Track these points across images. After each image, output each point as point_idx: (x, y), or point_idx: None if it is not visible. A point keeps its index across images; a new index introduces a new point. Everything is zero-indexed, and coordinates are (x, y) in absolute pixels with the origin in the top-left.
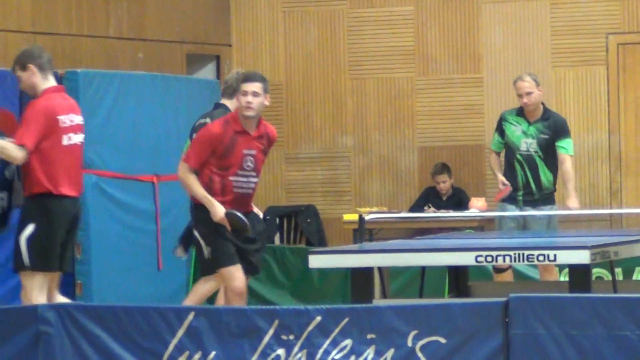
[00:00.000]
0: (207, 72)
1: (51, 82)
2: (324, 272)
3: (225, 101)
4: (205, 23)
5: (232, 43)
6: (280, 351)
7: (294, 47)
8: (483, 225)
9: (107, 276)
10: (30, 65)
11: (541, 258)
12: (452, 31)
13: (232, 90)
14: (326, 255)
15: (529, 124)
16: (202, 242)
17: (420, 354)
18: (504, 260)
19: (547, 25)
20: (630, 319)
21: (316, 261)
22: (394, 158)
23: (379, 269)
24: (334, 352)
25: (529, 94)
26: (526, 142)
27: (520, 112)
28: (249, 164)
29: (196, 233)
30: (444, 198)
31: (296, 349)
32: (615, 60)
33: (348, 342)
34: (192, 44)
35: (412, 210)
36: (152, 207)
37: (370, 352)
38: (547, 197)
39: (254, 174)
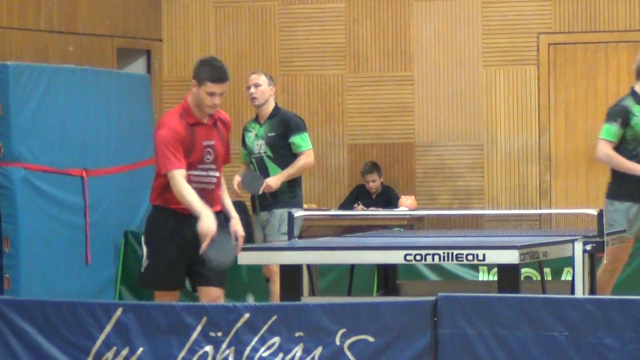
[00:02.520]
0: (138, 67)
1: None
2: (252, 269)
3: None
4: (136, 17)
5: (162, 38)
6: (208, 348)
7: (225, 43)
8: (412, 224)
9: (36, 270)
10: None
11: (470, 257)
12: (384, 29)
13: None
14: (255, 252)
15: (260, 125)
16: (145, 252)
17: (348, 353)
18: (433, 260)
19: (479, 23)
20: (558, 319)
21: (245, 258)
22: (324, 155)
23: (308, 266)
24: (262, 349)
25: (257, 85)
26: (257, 144)
27: (256, 117)
28: (209, 156)
29: (144, 240)
30: (374, 196)
31: (224, 345)
32: (546, 60)
33: (276, 340)
34: (123, 38)
35: (341, 207)
36: (81, 201)
37: (298, 350)
38: (282, 201)
39: (213, 166)
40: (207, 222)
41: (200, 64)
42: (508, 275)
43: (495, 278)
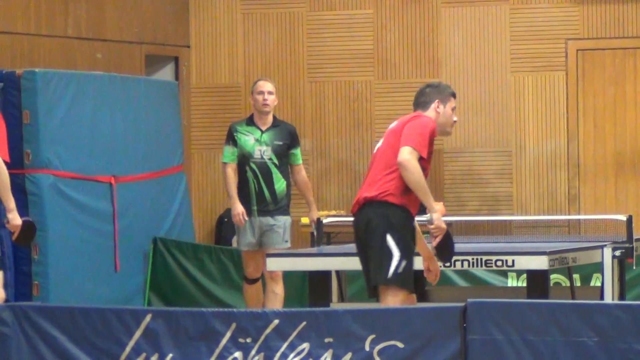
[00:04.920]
0: (166, 73)
1: None
2: None
3: None
4: (164, 24)
5: (190, 44)
6: (238, 354)
7: (253, 49)
8: None
9: (64, 277)
10: None
11: (499, 263)
12: (412, 35)
13: None
14: (284, 258)
15: (262, 131)
16: (396, 251)
17: (377, 359)
18: (462, 265)
19: (507, 30)
20: (588, 325)
21: (274, 264)
22: (352, 162)
23: (337, 272)
24: (292, 355)
25: (270, 93)
26: (260, 149)
27: (250, 121)
28: None
29: (390, 238)
30: None
31: (253, 352)
32: (574, 66)
33: (305, 346)
34: (151, 45)
35: None
36: (109, 208)
37: (327, 356)
38: (282, 208)
39: None
40: (441, 218)
41: (435, 84)
42: (537, 281)
43: (524, 284)
